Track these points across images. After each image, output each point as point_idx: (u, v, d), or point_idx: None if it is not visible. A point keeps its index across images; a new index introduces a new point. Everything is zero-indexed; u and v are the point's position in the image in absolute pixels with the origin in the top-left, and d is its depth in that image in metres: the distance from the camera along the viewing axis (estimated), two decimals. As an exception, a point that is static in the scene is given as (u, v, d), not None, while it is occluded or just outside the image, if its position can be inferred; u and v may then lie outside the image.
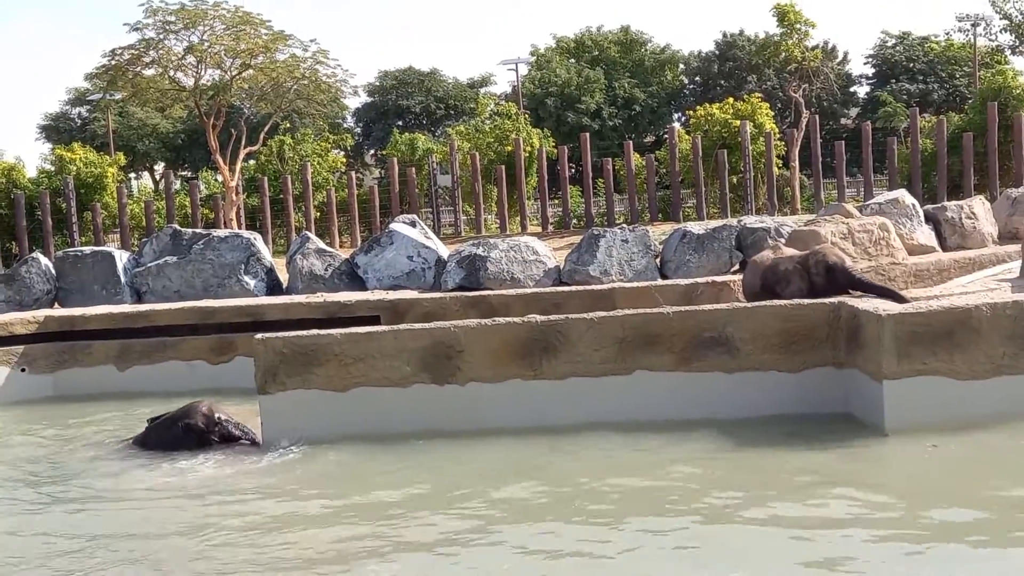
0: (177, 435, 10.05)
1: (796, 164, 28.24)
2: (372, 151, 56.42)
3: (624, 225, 16.95)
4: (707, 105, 29.92)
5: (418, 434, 9.51)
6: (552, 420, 9.54)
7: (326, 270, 15.57)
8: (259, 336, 10.16)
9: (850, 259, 11.38)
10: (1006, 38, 49.07)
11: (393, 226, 16.04)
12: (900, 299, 9.80)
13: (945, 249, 15.13)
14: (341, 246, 24.96)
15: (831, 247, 11.67)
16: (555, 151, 29.25)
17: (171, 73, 34.45)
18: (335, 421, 9.76)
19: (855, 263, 11.81)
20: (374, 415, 9.75)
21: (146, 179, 54.92)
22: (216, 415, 10.17)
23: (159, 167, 53.85)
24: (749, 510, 7.18)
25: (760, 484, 7.76)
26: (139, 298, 15.75)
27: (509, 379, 9.77)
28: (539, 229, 26.73)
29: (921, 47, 53.93)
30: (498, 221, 27.68)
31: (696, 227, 15.29)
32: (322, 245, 16.21)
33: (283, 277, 15.99)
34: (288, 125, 39.57)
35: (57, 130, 55.80)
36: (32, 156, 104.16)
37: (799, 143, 28.97)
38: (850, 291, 10.42)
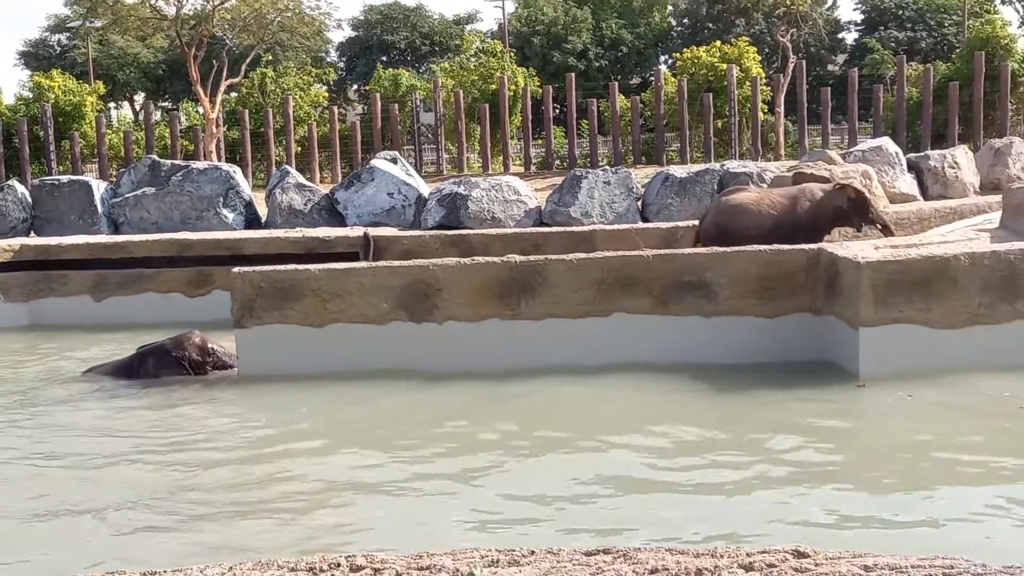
0: (170, 364, 10.04)
1: (781, 110, 28.15)
2: (355, 86, 55.98)
3: (607, 167, 16.90)
4: (694, 48, 29.71)
5: (394, 372, 9.50)
6: (529, 361, 9.53)
7: (305, 205, 15.50)
8: (237, 270, 10.10)
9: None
10: (996, -13, 48.88)
11: (374, 162, 15.95)
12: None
13: (927, 198, 15.15)
14: (322, 181, 24.80)
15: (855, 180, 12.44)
16: (540, 91, 29.03)
17: (152, 1, 34.07)
18: (312, 356, 9.74)
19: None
20: (351, 351, 9.73)
21: (126, 109, 54.37)
22: (210, 345, 10.16)
23: (139, 97, 53.24)
24: (716, 453, 7.19)
25: (730, 430, 7.76)
26: (116, 229, 15.65)
27: (487, 319, 9.75)
28: (522, 169, 26.62)
29: (911, -6, 53.62)
30: (480, 160, 27.53)
31: (679, 171, 15.26)
32: (302, 180, 16.12)
33: (262, 211, 15.91)
34: (270, 58, 39.15)
35: (36, 57, 55.06)
36: (10, 83, 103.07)
37: (785, 89, 28.86)
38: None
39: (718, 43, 29.73)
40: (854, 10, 56.46)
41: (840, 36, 55.13)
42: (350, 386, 9.32)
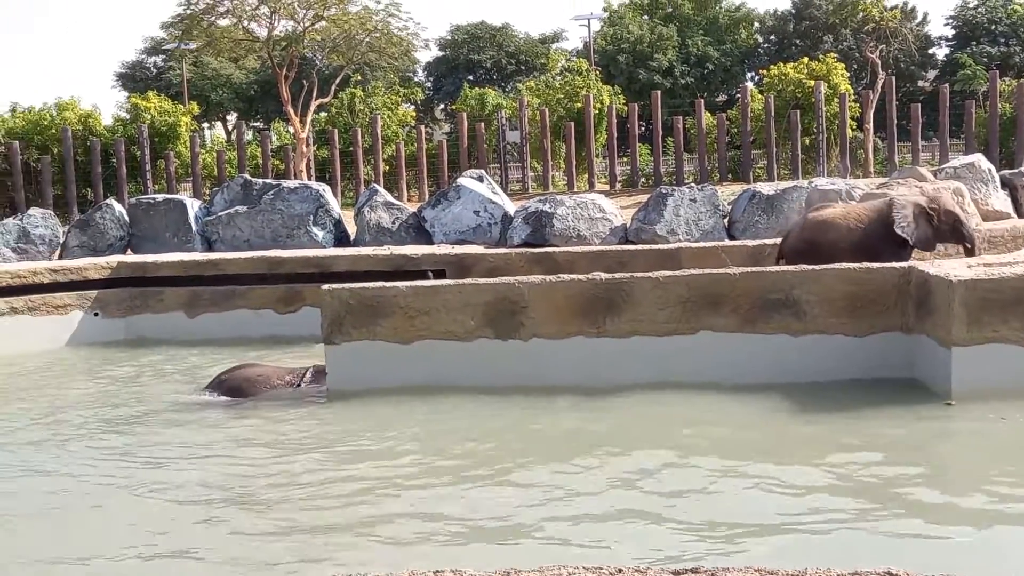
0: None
1: (870, 126, 27.76)
2: (442, 105, 56.40)
3: (693, 184, 16.83)
4: (781, 64, 29.46)
5: (480, 389, 9.56)
6: (615, 378, 9.54)
7: (393, 223, 15.67)
8: (326, 287, 10.26)
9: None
10: (1093, 0, 47.72)
11: (461, 181, 16.07)
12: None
13: (1021, 216, 14.84)
14: (409, 200, 25.05)
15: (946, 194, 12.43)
16: (625, 108, 29.02)
17: (245, 23, 34.76)
18: (399, 373, 9.85)
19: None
20: (437, 368, 9.82)
21: (219, 129, 55.43)
22: None
23: (231, 117, 54.27)
24: (805, 474, 7.12)
25: (818, 449, 7.69)
26: (209, 247, 15.97)
27: (572, 336, 9.77)
28: (607, 187, 26.59)
29: (1004, 9, 52.51)
30: (566, 178, 27.57)
31: (766, 188, 15.14)
32: (390, 198, 16.30)
33: (351, 229, 16.12)
34: (359, 78, 39.66)
35: (133, 78, 56.44)
36: (108, 104, 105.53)
37: (874, 105, 28.45)
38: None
39: (805, 60, 29.47)
40: (945, 25, 55.49)
41: (931, 52, 54.18)
42: (441, 402, 9.40)
